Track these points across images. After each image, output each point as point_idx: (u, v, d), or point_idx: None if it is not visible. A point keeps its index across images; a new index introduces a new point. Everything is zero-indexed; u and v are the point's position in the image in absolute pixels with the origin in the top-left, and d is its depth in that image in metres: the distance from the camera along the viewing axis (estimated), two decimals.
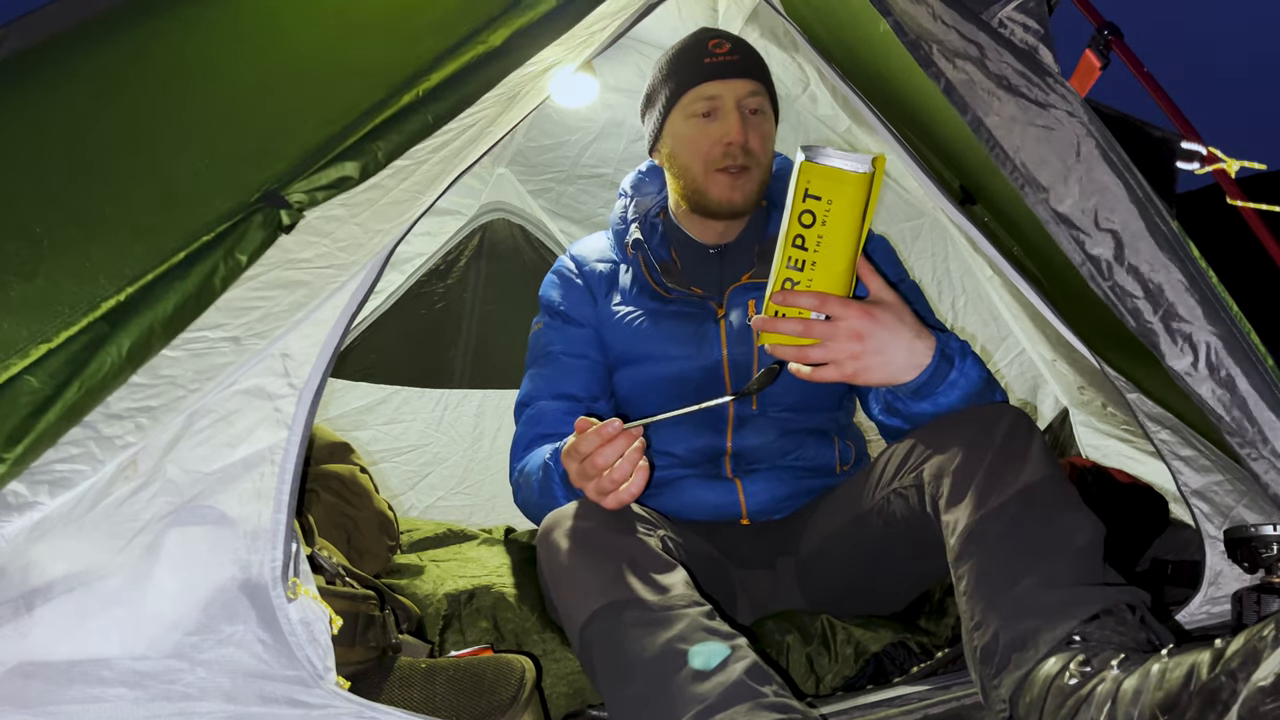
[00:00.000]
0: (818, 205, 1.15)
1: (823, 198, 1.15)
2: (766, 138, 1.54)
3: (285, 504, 0.97)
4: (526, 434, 1.57)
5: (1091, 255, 1.21)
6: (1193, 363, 1.19)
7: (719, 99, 1.51)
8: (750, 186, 1.53)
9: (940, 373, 1.24)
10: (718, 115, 1.51)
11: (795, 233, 1.17)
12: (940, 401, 1.26)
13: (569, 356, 1.60)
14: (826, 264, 1.18)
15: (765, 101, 1.54)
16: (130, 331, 0.82)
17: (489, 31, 1.01)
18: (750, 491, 1.51)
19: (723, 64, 1.50)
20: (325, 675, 0.95)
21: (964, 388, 1.26)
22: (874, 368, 1.20)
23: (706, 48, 1.52)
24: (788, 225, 1.18)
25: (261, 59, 1.05)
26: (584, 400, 1.57)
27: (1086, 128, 1.22)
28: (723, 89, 1.50)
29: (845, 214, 1.15)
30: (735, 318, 1.56)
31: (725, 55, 1.51)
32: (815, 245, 1.17)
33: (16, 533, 0.85)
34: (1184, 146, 1.34)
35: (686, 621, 1.00)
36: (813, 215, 1.15)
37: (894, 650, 1.33)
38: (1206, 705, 0.75)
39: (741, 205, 1.55)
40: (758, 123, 1.53)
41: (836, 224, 1.16)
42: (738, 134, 1.49)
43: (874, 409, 1.41)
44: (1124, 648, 0.90)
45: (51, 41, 1.03)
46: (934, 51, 1.24)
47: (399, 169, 1.00)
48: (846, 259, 1.18)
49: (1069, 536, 1.03)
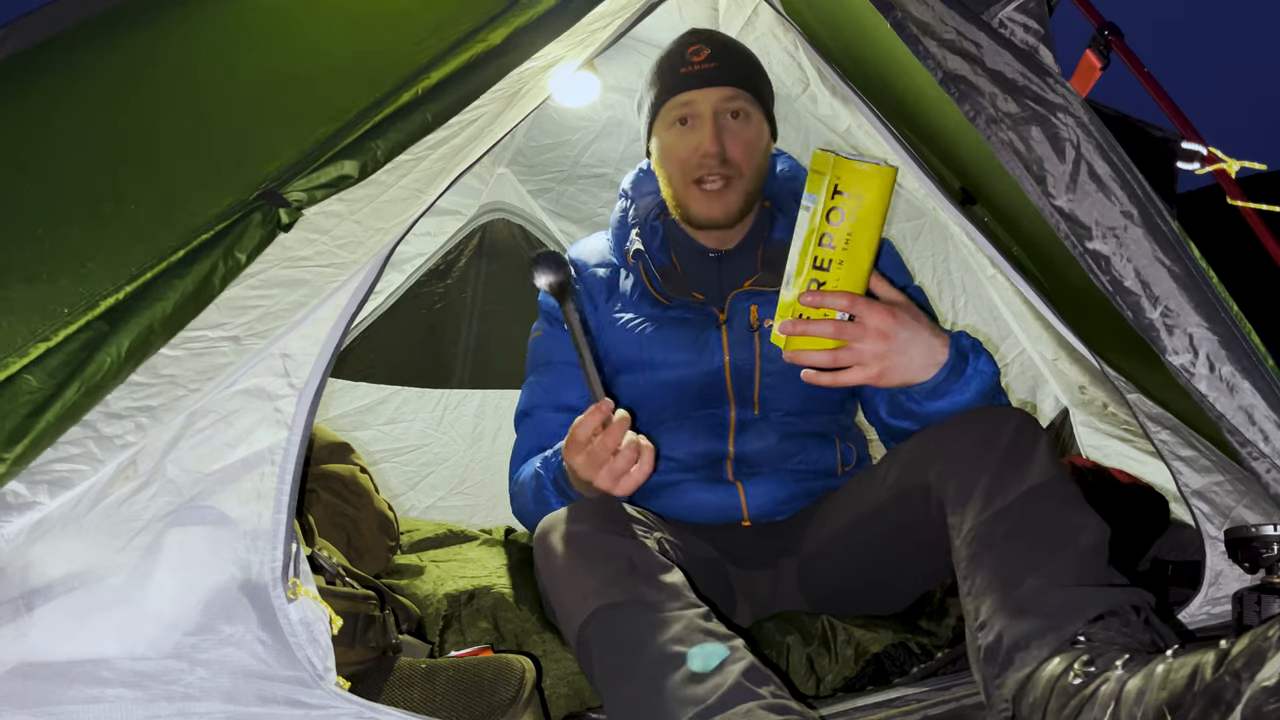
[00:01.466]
0: (847, 202, 1.14)
1: (851, 193, 1.14)
2: (750, 144, 1.51)
3: (285, 504, 0.97)
4: (526, 444, 1.56)
5: (1091, 251, 1.21)
6: (1192, 360, 1.19)
7: (694, 106, 1.50)
8: (731, 199, 1.52)
9: (957, 370, 1.24)
10: (695, 124, 1.50)
11: (822, 231, 1.16)
12: (956, 400, 1.26)
13: (569, 366, 1.58)
14: (853, 262, 1.17)
15: (749, 106, 1.51)
16: (129, 330, 0.82)
17: (489, 30, 1.01)
18: (751, 494, 1.50)
19: (698, 72, 1.48)
20: (325, 675, 0.95)
21: (979, 384, 1.26)
22: (899, 367, 1.21)
23: (685, 55, 1.51)
24: (811, 224, 1.17)
25: (260, 58, 1.05)
26: (583, 409, 1.55)
27: (1086, 128, 1.22)
28: (698, 97, 1.49)
29: (873, 210, 1.15)
30: (737, 324, 1.55)
31: (702, 63, 1.49)
32: (844, 243, 1.16)
33: (16, 533, 0.84)
34: (1184, 146, 1.34)
35: (683, 623, 1.00)
36: (842, 213, 1.15)
37: (894, 651, 1.33)
38: (1210, 705, 0.75)
39: (722, 219, 1.54)
40: (738, 129, 1.50)
41: (864, 221, 1.15)
42: (711, 144, 1.47)
43: (881, 411, 1.40)
44: (1128, 648, 0.90)
45: (51, 42, 1.03)
46: (934, 50, 1.24)
47: (398, 165, 1.00)
48: (870, 258, 1.18)
49: (1074, 538, 1.03)
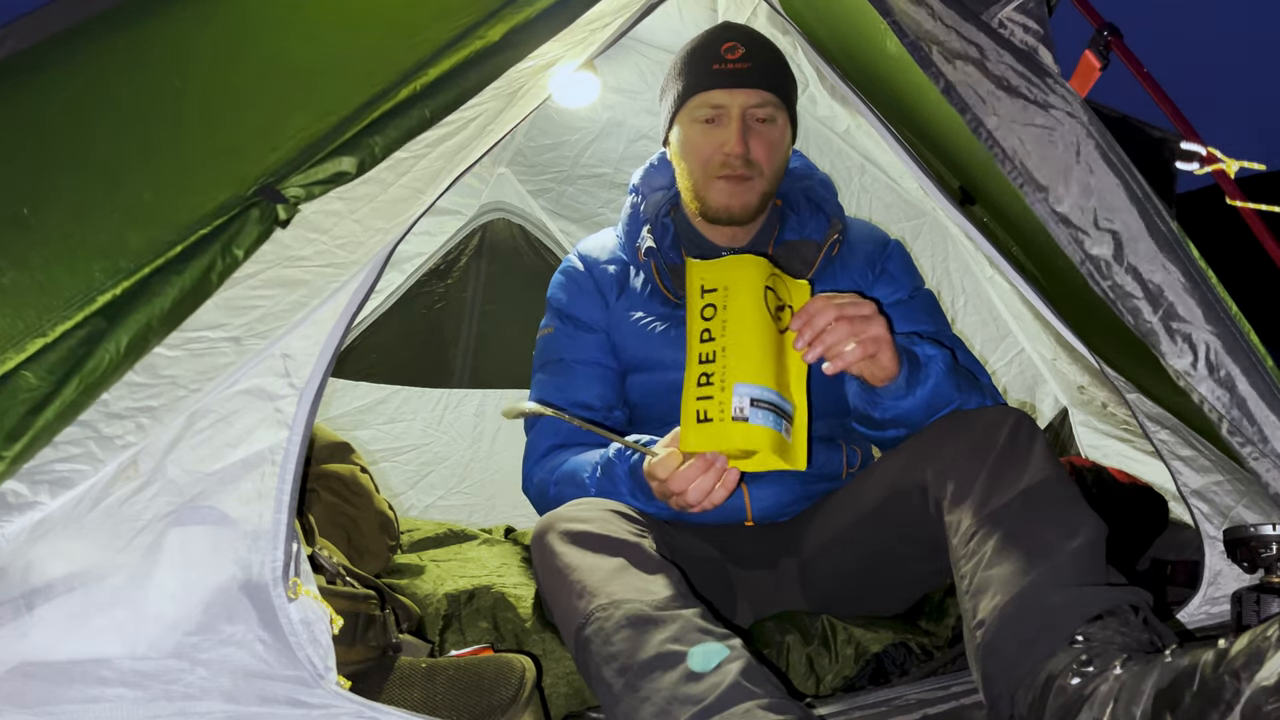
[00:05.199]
0: (716, 297, 1.22)
1: (718, 288, 1.22)
2: (773, 146, 1.51)
3: (286, 504, 0.97)
4: (541, 444, 1.53)
5: (1091, 255, 1.21)
6: (1192, 362, 1.19)
7: (724, 108, 1.49)
8: (750, 196, 1.51)
9: (914, 365, 1.27)
10: (721, 123, 1.49)
11: (701, 328, 1.22)
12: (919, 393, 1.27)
13: (582, 364, 1.56)
14: (737, 346, 1.18)
15: (776, 110, 1.50)
16: (128, 327, 0.82)
17: (487, 26, 1.01)
18: (756, 497, 1.50)
19: (732, 72, 1.47)
20: (326, 675, 0.95)
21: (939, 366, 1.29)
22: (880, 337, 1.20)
23: (719, 51, 1.49)
24: (690, 327, 1.23)
25: (259, 53, 1.04)
26: (599, 409, 1.55)
27: (1086, 128, 1.22)
28: (729, 98, 1.48)
29: (743, 294, 1.21)
30: None
31: (736, 62, 1.47)
32: (722, 332, 1.19)
33: (17, 532, 0.85)
34: (1183, 146, 1.34)
35: (680, 622, 1.00)
36: (714, 307, 1.22)
37: (894, 651, 1.33)
38: (1209, 705, 0.75)
39: (740, 213, 1.54)
40: (763, 131, 1.50)
41: (738, 308, 1.20)
42: (737, 145, 1.47)
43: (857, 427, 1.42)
44: (1127, 648, 0.90)
45: (51, 41, 1.03)
46: (934, 52, 1.24)
47: (397, 163, 1.00)
48: (758, 333, 1.19)
49: (1072, 536, 1.03)
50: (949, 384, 1.30)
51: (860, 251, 1.60)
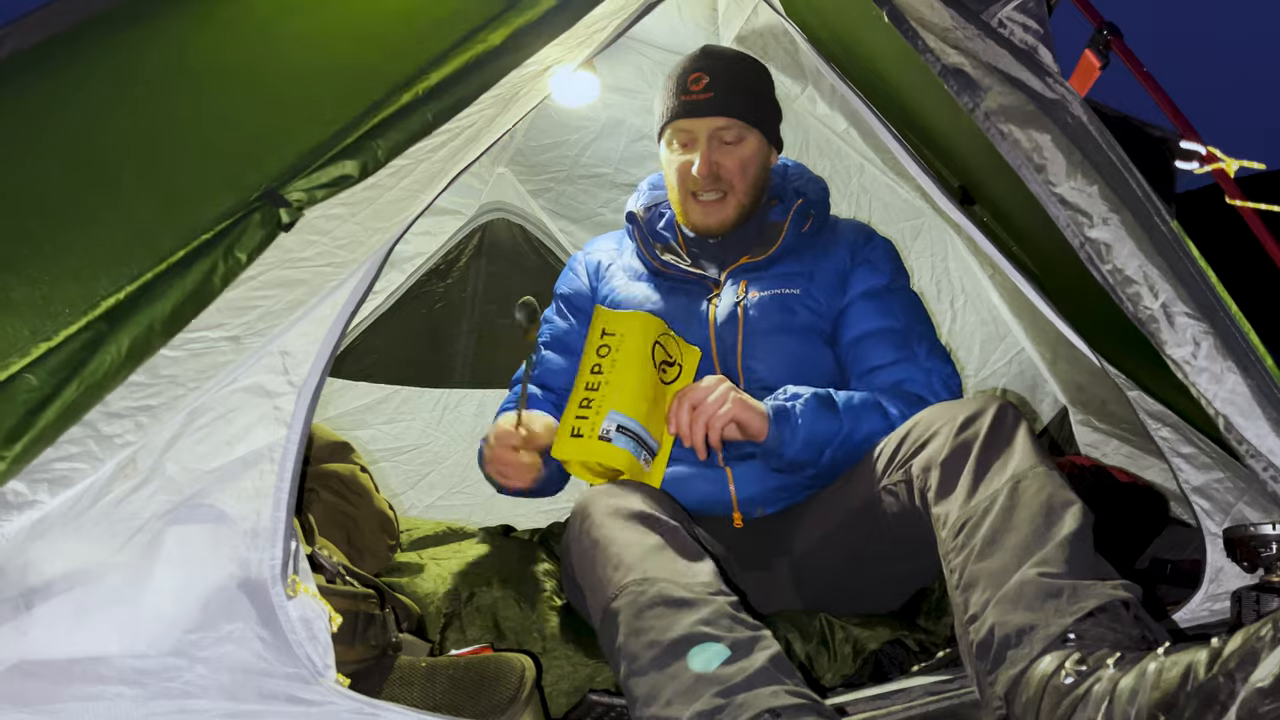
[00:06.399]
0: (612, 340, 1.44)
1: (616, 334, 1.44)
2: (744, 162, 1.62)
3: (284, 502, 0.97)
4: (502, 408, 1.70)
5: (1090, 238, 1.21)
6: (1193, 352, 1.19)
7: (692, 133, 1.61)
8: (725, 213, 1.63)
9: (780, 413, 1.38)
10: (692, 147, 1.61)
11: (594, 363, 1.43)
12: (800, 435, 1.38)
13: (551, 351, 1.72)
14: (618, 384, 1.39)
15: (745, 130, 1.61)
16: (130, 330, 0.82)
17: (489, 30, 1.02)
18: (741, 481, 1.51)
19: (695, 103, 1.59)
20: (325, 672, 0.95)
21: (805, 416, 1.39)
22: (730, 414, 1.35)
23: (685, 83, 1.61)
24: (584, 360, 1.43)
25: (261, 58, 1.05)
26: (556, 391, 1.67)
27: (1086, 128, 1.22)
28: (695, 125, 1.60)
29: (634, 345, 1.42)
30: (727, 298, 1.61)
31: (700, 92, 1.59)
32: (610, 369, 1.41)
33: (16, 531, 0.85)
34: (1183, 146, 1.34)
35: (713, 607, 1.02)
36: (608, 348, 1.43)
37: (892, 648, 1.33)
38: (1204, 705, 0.75)
39: (717, 230, 1.64)
40: (733, 150, 1.60)
41: (628, 355, 1.41)
42: (703, 167, 1.58)
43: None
44: (1119, 645, 0.90)
45: (51, 42, 1.03)
46: (933, 44, 1.24)
47: (398, 168, 1.01)
48: (638, 381, 1.40)
49: (1059, 525, 1.03)
50: (825, 420, 1.40)
51: (844, 240, 1.68)
